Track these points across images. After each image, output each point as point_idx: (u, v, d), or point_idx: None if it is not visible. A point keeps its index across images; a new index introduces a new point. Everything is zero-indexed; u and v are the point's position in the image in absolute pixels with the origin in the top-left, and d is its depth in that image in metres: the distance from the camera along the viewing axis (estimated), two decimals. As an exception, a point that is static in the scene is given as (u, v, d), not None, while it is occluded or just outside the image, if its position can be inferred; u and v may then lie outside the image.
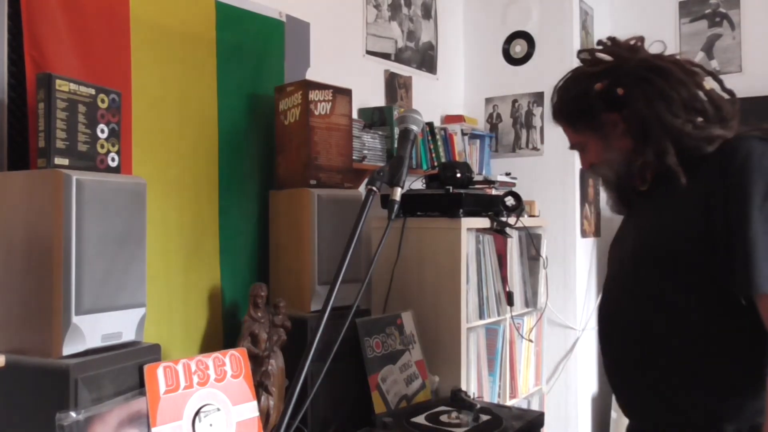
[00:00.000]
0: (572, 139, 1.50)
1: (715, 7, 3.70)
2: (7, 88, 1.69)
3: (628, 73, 1.36)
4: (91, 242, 1.51)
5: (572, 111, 1.45)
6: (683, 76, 1.33)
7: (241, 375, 1.75)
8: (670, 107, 1.30)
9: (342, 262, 1.11)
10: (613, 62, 1.40)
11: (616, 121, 1.39)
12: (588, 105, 1.40)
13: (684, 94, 1.31)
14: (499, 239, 2.73)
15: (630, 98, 1.35)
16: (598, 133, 1.42)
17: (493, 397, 2.71)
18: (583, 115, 1.42)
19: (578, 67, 1.47)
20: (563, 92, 1.47)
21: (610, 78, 1.38)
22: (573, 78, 1.46)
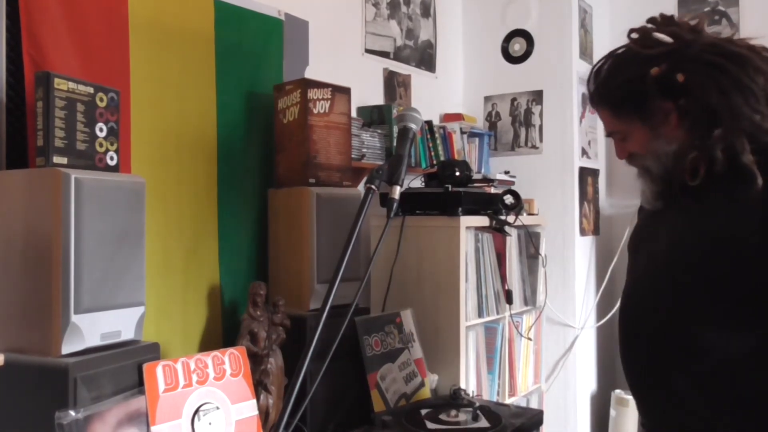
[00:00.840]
0: (613, 126, 1.35)
1: (714, 5, 3.70)
2: (6, 87, 1.69)
3: (693, 58, 1.20)
4: (90, 241, 1.51)
5: (620, 96, 1.29)
6: (762, 64, 1.19)
7: (240, 373, 1.75)
8: (748, 100, 1.16)
9: (341, 261, 1.11)
10: (673, 44, 1.24)
11: (669, 110, 1.24)
12: (640, 91, 1.24)
13: (762, 85, 1.17)
14: (498, 238, 2.73)
15: (694, 86, 1.20)
16: (647, 122, 1.27)
17: (492, 395, 2.71)
18: (633, 102, 1.27)
19: (628, 47, 1.31)
20: (610, 75, 1.31)
21: (670, 62, 1.22)
22: (623, 59, 1.31)
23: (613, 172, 4.01)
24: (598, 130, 3.86)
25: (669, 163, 1.25)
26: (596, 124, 3.84)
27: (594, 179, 3.79)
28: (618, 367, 3.95)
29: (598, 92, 1.35)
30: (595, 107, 1.37)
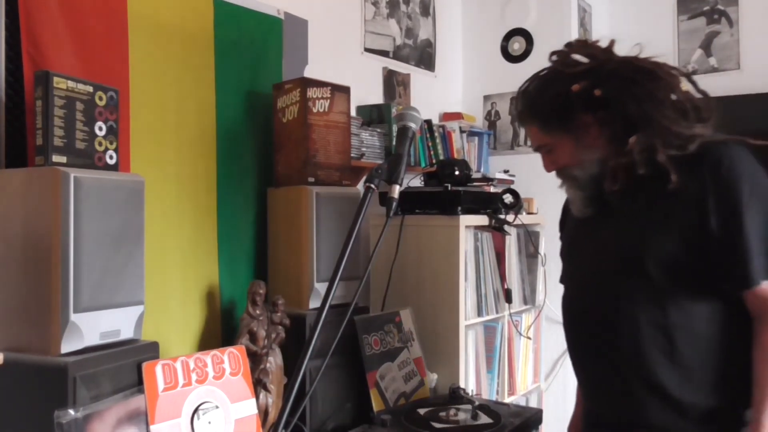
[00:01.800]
0: (541, 140, 1.48)
1: (713, 4, 3.70)
2: (5, 86, 1.69)
3: (608, 74, 1.36)
4: (90, 240, 1.51)
5: (547, 112, 1.43)
6: (667, 77, 1.35)
7: (239, 372, 1.75)
8: (659, 107, 1.32)
9: (340, 260, 1.11)
10: (590, 63, 1.39)
11: (590, 122, 1.39)
12: (564, 106, 1.39)
13: (669, 94, 1.34)
14: (497, 237, 2.73)
15: (611, 99, 1.35)
16: (571, 134, 1.41)
17: (491, 394, 2.71)
18: (558, 116, 1.41)
19: (551, 68, 1.45)
20: (537, 93, 1.45)
21: (588, 79, 1.37)
22: (548, 79, 1.45)
23: (612, 171, 4.00)
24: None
25: (594, 170, 1.41)
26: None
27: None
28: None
29: (527, 109, 1.48)
30: (524, 124, 1.51)
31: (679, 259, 1.30)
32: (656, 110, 1.31)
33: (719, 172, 1.27)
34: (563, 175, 1.49)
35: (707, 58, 3.72)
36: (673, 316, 1.32)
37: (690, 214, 1.29)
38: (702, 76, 3.72)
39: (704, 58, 3.73)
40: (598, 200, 1.44)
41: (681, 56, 3.79)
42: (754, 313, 1.29)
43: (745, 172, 1.27)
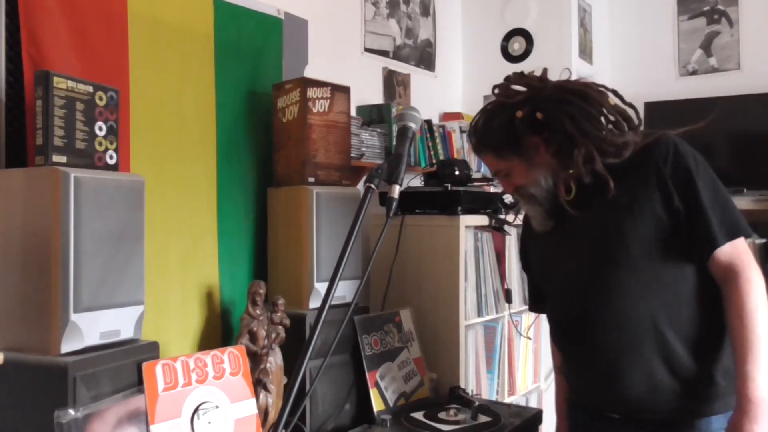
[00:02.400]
0: (497, 166, 1.61)
1: (713, 4, 3.71)
2: (5, 86, 1.69)
3: (545, 99, 1.51)
4: (90, 240, 1.51)
5: (498, 139, 1.56)
6: (596, 95, 1.50)
7: (239, 372, 1.75)
8: (592, 122, 1.47)
9: (340, 260, 1.11)
10: (528, 92, 1.54)
11: (537, 143, 1.52)
12: (512, 132, 1.53)
13: (600, 109, 1.49)
14: (497, 237, 2.73)
15: (551, 120, 1.49)
16: (523, 156, 1.54)
17: (491, 394, 2.71)
18: (509, 143, 1.54)
19: (494, 101, 1.60)
20: (486, 124, 1.58)
21: (529, 105, 1.52)
22: (494, 110, 1.58)
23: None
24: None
25: (548, 185, 1.54)
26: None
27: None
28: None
29: (480, 141, 1.61)
30: (479, 154, 1.65)
31: (656, 240, 1.45)
32: (589, 124, 1.46)
33: (669, 158, 1.44)
34: (521, 195, 1.61)
35: (707, 58, 3.72)
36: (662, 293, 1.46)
37: (654, 197, 1.44)
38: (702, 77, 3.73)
39: (704, 58, 3.73)
40: (555, 213, 1.57)
41: (681, 56, 3.79)
42: (720, 276, 1.43)
43: (688, 153, 1.45)
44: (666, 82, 3.80)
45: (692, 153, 1.46)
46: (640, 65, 3.89)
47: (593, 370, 1.57)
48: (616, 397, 1.53)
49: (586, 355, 1.58)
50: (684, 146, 1.46)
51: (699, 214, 1.42)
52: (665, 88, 3.76)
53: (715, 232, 1.41)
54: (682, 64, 3.79)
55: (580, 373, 1.65)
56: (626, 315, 1.48)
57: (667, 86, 3.78)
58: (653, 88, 3.77)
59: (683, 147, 1.46)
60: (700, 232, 1.42)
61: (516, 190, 1.61)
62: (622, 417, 1.55)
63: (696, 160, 1.45)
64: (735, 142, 3.48)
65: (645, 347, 1.47)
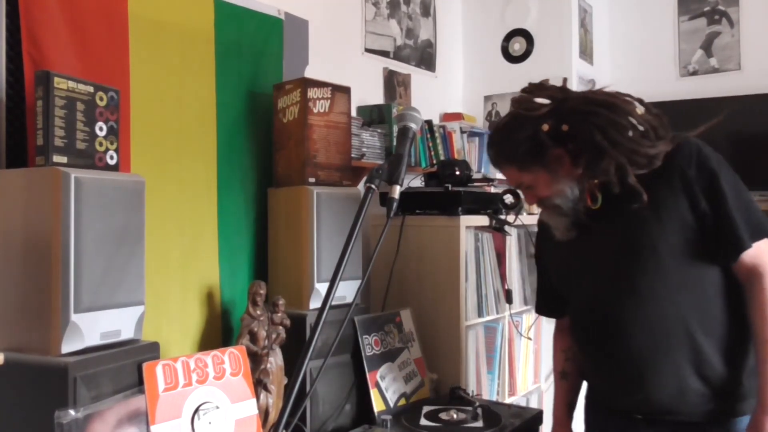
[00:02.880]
0: (520, 179, 1.60)
1: (714, 4, 3.70)
2: (6, 86, 1.69)
3: (570, 110, 1.50)
4: (90, 240, 1.51)
5: (521, 153, 1.54)
6: (623, 105, 1.48)
7: (240, 373, 1.75)
8: (622, 133, 1.45)
9: (341, 260, 1.11)
10: (552, 104, 1.52)
11: (561, 155, 1.51)
12: (536, 145, 1.51)
13: (629, 120, 1.46)
14: (497, 237, 2.73)
15: (579, 132, 1.47)
16: (547, 168, 1.53)
17: (491, 394, 2.71)
18: (533, 156, 1.53)
19: (514, 113, 1.58)
20: (509, 138, 1.56)
21: (554, 117, 1.50)
22: (514, 123, 1.56)
23: (612, 171, 4.00)
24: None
25: (573, 196, 1.54)
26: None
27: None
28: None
29: (502, 154, 1.59)
30: (500, 167, 1.62)
31: (683, 243, 1.46)
32: (620, 135, 1.44)
33: (693, 162, 1.45)
34: (545, 206, 1.61)
35: (708, 58, 3.72)
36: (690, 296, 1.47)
37: (680, 201, 1.45)
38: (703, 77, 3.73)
39: (705, 59, 3.73)
40: (578, 223, 1.58)
41: (681, 57, 3.79)
42: (744, 277, 1.45)
43: (711, 156, 1.46)
44: (666, 83, 3.80)
45: (715, 156, 1.47)
46: (640, 65, 3.89)
47: (620, 374, 1.57)
48: (642, 400, 1.53)
49: (613, 359, 1.58)
50: (707, 149, 1.47)
51: (724, 216, 1.43)
52: (666, 88, 3.76)
53: (741, 233, 1.42)
54: (682, 65, 3.79)
55: (605, 376, 1.64)
56: (656, 319, 1.49)
57: (667, 86, 3.77)
58: (654, 88, 3.77)
59: (706, 150, 1.47)
60: (726, 234, 1.43)
61: (540, 201, 1.61)
62: (645, 418, 1.55)
63: (719, 163, 1.46)
64: (735, 142, 3.48)
65: (675, 351, 1.47)
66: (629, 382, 1.55)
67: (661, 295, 1.48)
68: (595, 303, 1.61)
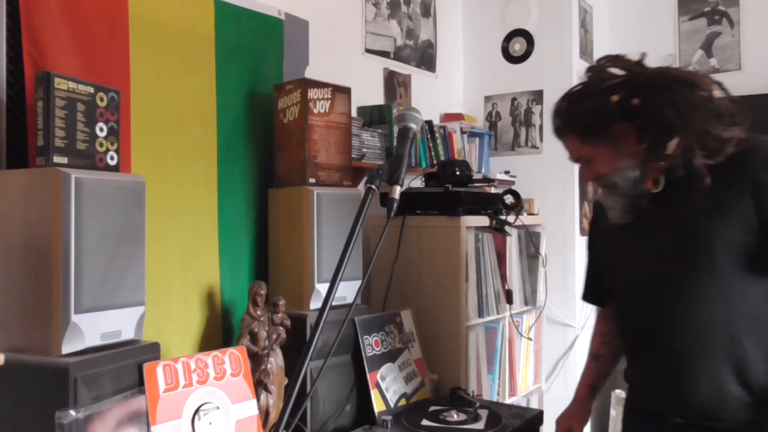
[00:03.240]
0: (580, 151, 1.54)
1: (714, 4, 3.70)
2: (6, 87, 1.69)
3: (644, 84, 1.43)
4: (90, 241, 1.51)
5: (586, 123, 1.49)
6: (703, 85, 1.41)
7: (240, 373, 1.75)
8: (698, 112, 1.38)
9: (341, 261, 1.11)
10: (625, 75, 1.46)
11: (628, 130, 1.45)
12: (603, 116, 1.45)
13: (705, 100, 1.40)
14: (498, 237, 2.73)
15: (650, 106, 1.41)
16: (611, 143, 1.47)
17: (492, 395, 2.71)
18: (598, 127, 1.47)
19: (585, 83, 1.52)
20: (575, 107, 1.51)
21: (626, 90, 1.44)
22: (585, 93, 1.50)
23: (613, 171, 4.00)
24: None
25: (633, 176, 1.47)
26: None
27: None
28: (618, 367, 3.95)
29: (565, 123, 1.54)
30: (563, 136, 1.57)
31: (743, 248, 1.39)
32: (694, 114, 1.37)
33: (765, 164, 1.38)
34: (603, 183, 1.54)
35: (708, 59, 3.72)
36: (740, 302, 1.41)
37: (748, 204, 1.37)
38: (703, 77, 3.72)
39: (705, 59, 3.72)
40: (636, 207, 1.50)
41: (682, 57, 3.79)
42: None
43: None
44: (667, 83, 3.80)
45: None
46: (640, 66, 3.89)
47: (659, 373, 1.53)
48: (681, 402, 1.49)
49: (653, 357, 1.54)
50: None
51: None
52: (666, 88, 3.76)
53: None
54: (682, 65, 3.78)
55: (645, 374, 1.60)
56: (701, 320, 1.44)
57: (667, 87, 3.77)
58: (654, 88, 3.77)
59: None
60: None
61: (597, 177, 1.55)
62: (684, 423, 1.50)
63: None
64: (736, 142, 3.47)
65: (717, 354, 1.43)
66: (667, 383, 1.51)
67: (709, 296, 1.42)
68: (639, 295, 1.56)
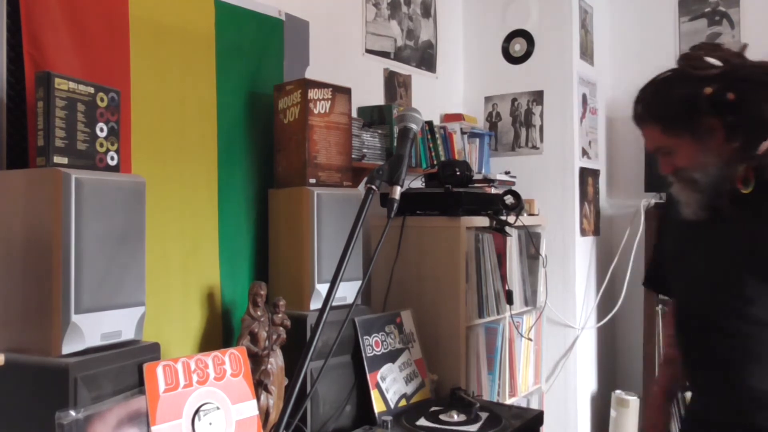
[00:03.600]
0: (661, 141, 1.45)
1: (714, 5, 3.70)
2: (6, 87, 1.69)
3: (743, 78, 1.35)
4: (91, 241, 1.51)
5: (672, 113, 1.41)
6: None
7: (240, 374, 1.75)
8: None
9: (341, 261, 1.11)
10: (723, 67, 1.38)
11: (717, 127, 1.37)
12: (691, 108, 1.37)
13: None
14: (498, 238, 2.73)
15: (746, 103, 1.33)
16: (696, 137, 1.39)
17: (492, 395, 2.71)
18: (684, 119, 1.39)
19: (676, 70, 1.44)
20: (662, 94, 1.43)
21: (721, 82, 1.36)
22: (675, 80, 1.43)
23: (613, 172, 4.01)
24: (598, 130, 3.86)
25: (717, 174, 1.39)
26: (596, 124, 3.84)
27: (594, 179, 3.79)
28: (618, 367, 3.96)
29: (649, 110, 1.45)
30: (644, 124, 1.48)
31: None
32: None
33: None
34: (681, 178, 1.46)
35: (708, 59, 3.71)
36: None
37: None
38: (703, 78, 3.72)
39: (705, 60, 3.72)
40: (713, 205, 1.44)
41: (682, 57, 3.79)
42: None
43: None
44: (667, 84, 3.80)
45: None
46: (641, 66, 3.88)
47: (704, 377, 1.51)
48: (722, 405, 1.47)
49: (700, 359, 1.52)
50: None
51: None
52: (666, 89, 3.76)
53: None
54: (683, 66, 3.78)
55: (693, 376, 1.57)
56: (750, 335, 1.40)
57: (668, 87, 3.77)
58: (654, 89, 3.77)
59: None
60: None
61: (676, 171, 1.46)
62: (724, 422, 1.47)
63: None
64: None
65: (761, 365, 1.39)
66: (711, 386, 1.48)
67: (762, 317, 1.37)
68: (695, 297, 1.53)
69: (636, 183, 3.77)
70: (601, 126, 3.91)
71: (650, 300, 3.41)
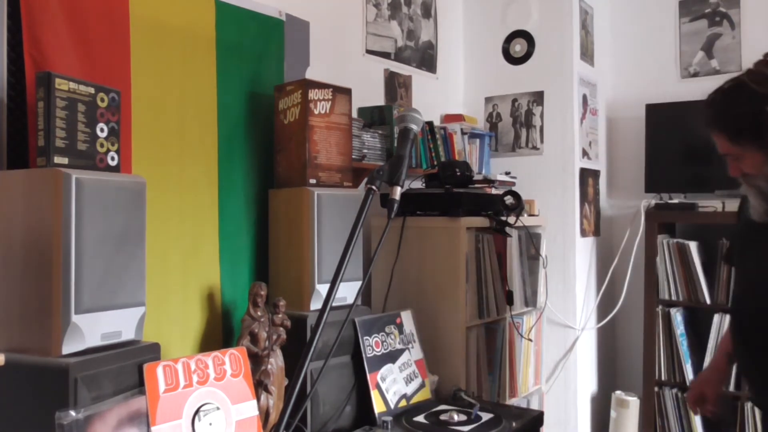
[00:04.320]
0: (728, 149, 1.51)
1: (714, 6, 3.70)
2: (7, 87, 1.69)
3: None
4: (91, 241, 1.51)
5: (738, 126, 1.45)
6: None
7: (240, 374, 1.75)
8: None
9: (342, 261, 1.11)
10: None
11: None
12: (757, 124, 1.41)
13: None
14: (498, 238, 2.73)
15: None
16: (762, 150, 1.44)
17: (492, 396, 2.71)
18: (750, 132, 1.43)
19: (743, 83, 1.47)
20: (727, 107, 1.47)
21: None
22: (743, 93, 1.46)
23: (613, 173, 4.01)
24: (598, 131, 3.86)
25: None
26: (597, 125, 3.84)
27: (594, 180, 3.79)
28: (618, 368, 3.96)
29: (717, 119, 1.50)
30: (712, 131, 1.52)
31: None
32: None
33: None
34: (748, 182, 1.52)
35: (709, 60, 3.72)
36: None
37: None
38: (704, 79, 3.72)
39: (706, 60, 3.72)
40: None
41: (682, 58, 3.79)
42: None
43: None
44: (667, 84, 3.80)
45: None
46: (641, 67, 3.89)
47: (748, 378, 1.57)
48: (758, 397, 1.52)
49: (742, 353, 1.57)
50: None
51: None
52: (666, 90, 3.76)
53: None
54: (683, 66, 3.79)
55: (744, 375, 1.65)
56: None
57: (668, 88, 3.77)
58: (654, 90, 3.77)
59: None
60: None
61: (744, 176, 1.52)
62: None
63: None
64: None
65: None
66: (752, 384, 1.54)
67: None
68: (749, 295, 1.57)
69: (636, 184, 3.77)
70: (602, 127, 3.91)
71: (650, 300, 3.41)
